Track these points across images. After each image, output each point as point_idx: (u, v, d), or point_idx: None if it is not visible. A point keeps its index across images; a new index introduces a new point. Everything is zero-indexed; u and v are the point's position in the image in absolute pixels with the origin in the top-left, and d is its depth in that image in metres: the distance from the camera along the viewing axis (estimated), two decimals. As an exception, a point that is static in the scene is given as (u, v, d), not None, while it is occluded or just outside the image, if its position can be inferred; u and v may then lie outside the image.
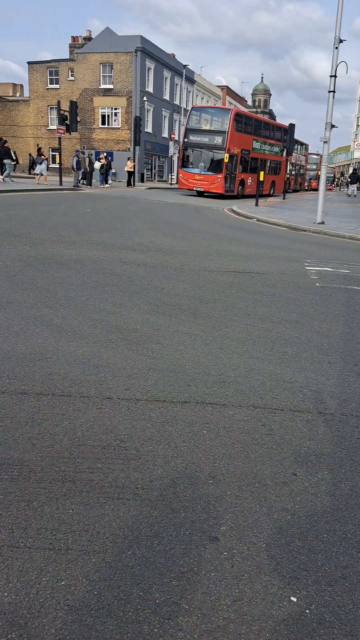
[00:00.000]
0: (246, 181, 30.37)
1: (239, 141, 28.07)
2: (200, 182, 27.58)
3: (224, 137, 26.88)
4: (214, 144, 27.21)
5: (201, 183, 27.56)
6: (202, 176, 27.40)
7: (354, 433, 3.02)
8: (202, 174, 27.43)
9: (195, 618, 1.69)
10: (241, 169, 29.27)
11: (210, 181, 27.15)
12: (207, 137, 27.47)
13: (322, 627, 1.68)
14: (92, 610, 1.69)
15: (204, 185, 27.54)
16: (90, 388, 3.32)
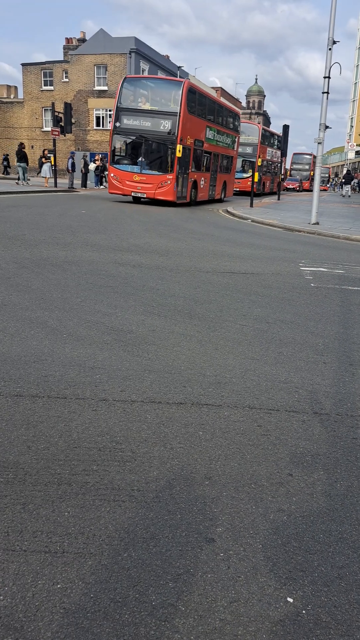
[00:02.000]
0: (199, 183, 22.86)
1: (191, 128, 20.55)
2: (141, 184, 19.65)
3: (174, 121, 19.15)
4: (161, 131, 19.41)
5: (143, 187, 19.67)
6: (144, 176, 19.62)
7: (349, 433, 3.02)
8: (143, 174, 19.65)
9: (192, 620, 1.68)
10: (194, 167, 21.69)
11: (156, 184, 19.45)
12: (150, 121, 19.53)
13: (318, 628, 1.68)
14: (89, 613, 1.69)
15: (146, 189, 19.67)
16: (85, 390, 3.31)
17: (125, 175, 19.90)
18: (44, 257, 7.63)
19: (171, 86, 20.83)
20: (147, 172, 19.81)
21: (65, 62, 42.98)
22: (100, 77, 41.52)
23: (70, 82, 42.20)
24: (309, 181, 55.76)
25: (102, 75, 41.37)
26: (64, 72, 43.10)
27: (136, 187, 19.75)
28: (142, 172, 19.74)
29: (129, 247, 9.33)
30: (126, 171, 19.94)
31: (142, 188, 19.71)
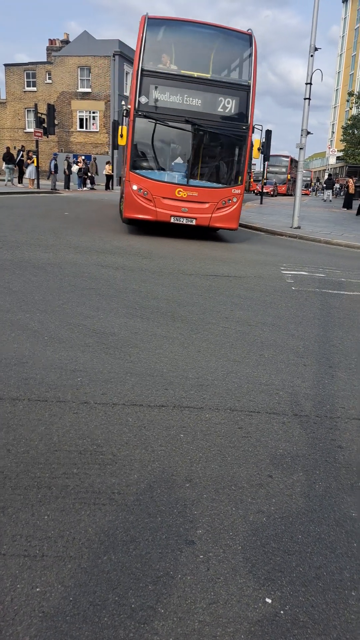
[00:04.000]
0: None
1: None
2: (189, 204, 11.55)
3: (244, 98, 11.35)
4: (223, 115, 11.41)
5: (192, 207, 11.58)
6: (195, 191, 11.55)
7: (328, 435, 3.06)
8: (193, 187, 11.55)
9: (171, 622, 1.69)
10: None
11: (215, 202, 11.63)
12: (202, 96, 11.25)
13: (296, 627, 1.70)
14: (68, 617, 1.68)
15: (197, 211, 11.65)
16: (66, 393, 3.30)
17: (163, 188, 11.39)
18: (26, 259, 7.58)
19: (232, 40, 11.91)
20: (199, 183, 11.69)
21: (49, 64, 42.77)
22: (83, 79, 41.40)
23: (53, 84, 42.00)
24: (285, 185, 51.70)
25: (86, 77, 41.26)
26: (47, 74, 42.89)
27: (180, 209, 11.46)
28: (191, 184, 11.47)
29: (112, 249, 9.31)
30: (164, 182, 11.43)
31: (190, 210, 11.46)
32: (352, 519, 2.30)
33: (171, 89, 11.16)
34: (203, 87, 11.27)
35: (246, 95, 11.32)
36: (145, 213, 11.58)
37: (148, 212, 11.56)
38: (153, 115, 11.06)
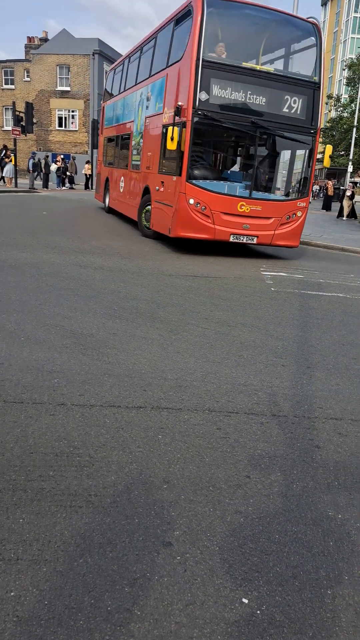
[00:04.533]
0: None
1: None
2: (251, 220, 9.82)
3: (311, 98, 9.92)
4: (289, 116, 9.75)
5: (254, 224, 9.87)
6: (258, 204, 9.87)
7: (305, 434, 3.08)
8: (255, 199, 9.87)
9: (147, 624, 1.68)
10: None
11: (279, 217, 10.06)
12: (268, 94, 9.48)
13: (272, 627, 1.71)
14: (42, 621, 1.66)
15: (260, 228, 9.98)
16: (43, 394, 3.26)
17: (223, 202, 9.62)
18: (2, 259, 7.48)
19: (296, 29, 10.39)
20: (262, 196, 10.10)
21: (27, 61, 42.37)
22: (62, 78, 41.11)
23: (32, 82, 41.61)
24: None
25: (65, 76, 40.98)
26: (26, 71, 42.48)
27: (241, 226, 9.74)
28: (254, 197, 9.83)
29: (91, 249, 9.25)
30: (225, 194, 9.71)
31: (252, 227, 9.82)
32: (329, 517, 2.32)
33: (234, 84, 9.22)
34: (268, 82, 9.49)
35: (313, 94, 9.80)
36: (202, 231, 9.62)
37: (205, 230, 9.61)
38: (214, 116, 9.12)
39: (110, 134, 16.63)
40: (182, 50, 9.46)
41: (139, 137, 12.51)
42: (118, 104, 15.48)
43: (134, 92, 13.21)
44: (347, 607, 1.82)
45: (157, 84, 11.06)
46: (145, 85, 12.07)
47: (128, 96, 14.03)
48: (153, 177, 11.06)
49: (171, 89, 10.03)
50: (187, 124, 9.04)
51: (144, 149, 12.05)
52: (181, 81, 9.46)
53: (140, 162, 12.28)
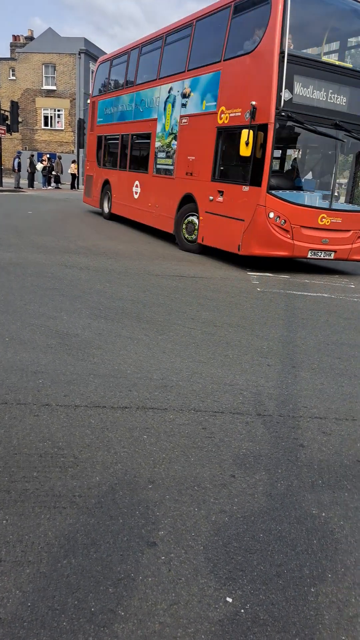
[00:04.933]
0: None
1: None
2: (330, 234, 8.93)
3: None
4: None
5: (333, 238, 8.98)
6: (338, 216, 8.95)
7: (290, 434, 3.10)
8: (336, 211, 8.95)
9: (131, 624, 1.68)
10: None
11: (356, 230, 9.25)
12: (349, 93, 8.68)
13: (256, 626, 1.71)
14: (25, 623, 1.65)
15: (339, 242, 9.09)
16: (27, 395, 3.24)
17: (304, 215, 8.70)
18: (-12, 259, 7.42)
19: None
20: (342, 207, 9.30)
21: (12, 60, 42.07)
22: (48, 77, 40.89)
23: (17, 81, 41.31)
24: None
25: (51, 75, 40.76)
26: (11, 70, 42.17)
27: (320, 240, 8.89)
28: (334, 208, 8.99)
29: (76, 249, 9.21)
30: (305, 206, 8.75)
31: (331, 241, 8.97)
32: (313, 516, 2.33)
33: (316, 82, 8.35)
34: (351, 80, 8.66)
35: None
36: (279, 248, 8.60)
37: (283, 246, 8.59)
38: (299, 117, 8.18)
39: (109, 132, 15.10)
40: (252, 41, 8.56)
41: (170, 137, 11.22)
42: (123, 100, 13.97)
43: (156, 87, 11.88)
44: (331, 605, 1.84)
45: (202, 80, 9.88)
46: (179, 80, 10.81)
47: (144, 91, 12.61)
48: (201, 185, 9.92)
49: (233, 86, 8.97)
50: (269, 127, 8.05)
51: (179, 151, 10.80)
52: (254, 77, 8.43)
53: (175, 166, 11.02)
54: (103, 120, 15.63)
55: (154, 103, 12.08)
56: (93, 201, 16.56)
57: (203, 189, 9.87)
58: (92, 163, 16.63)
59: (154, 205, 12.08)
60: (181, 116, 10.77)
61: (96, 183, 16.09)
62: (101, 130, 15.75)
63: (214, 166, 9.56)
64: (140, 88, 12.92)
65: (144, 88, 12.70)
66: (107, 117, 15.32)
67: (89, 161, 16.95)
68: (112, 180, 14.87)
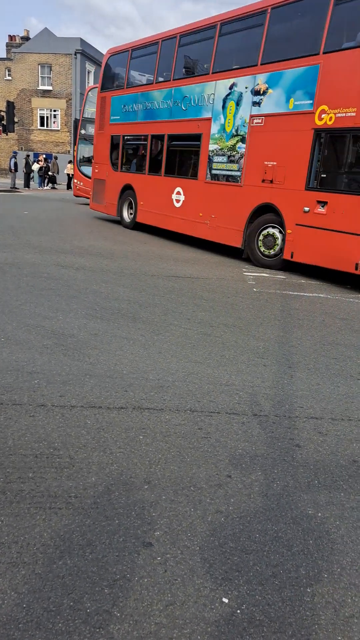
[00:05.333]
0: None
1: None
2: None
3: None
4: None
5: None
6: None
7: (286, 434, 3.10)
8: None
9: (127, 625, 1.67)
10: None
11: None
12: None
13: (252, 626, 1.71)
14: (20, 624, 1.64)
15: None
16: (23, 395, 3.23)
17: None
18: (-17, 259, 7.40)
19: None
20: None
21: (8, 60, 41.98)
22: (44, 77, 40.83)
23: (13, 81, 41.23)
24: None
25: (47, 75, 40.71)
26: (7, 70, 42.08)
27: None
28: None
29: (72, 249, 9.19)
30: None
31: None
32: (309, 516, 2.33)
33: None
34: None
35: None
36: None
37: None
38: None
39: (130, 131, 13.54)
40: None
41: (234, 140, 9.98)
42: (152, 96, 12.40)
43: (208, 83, 10.51)
44: (327, 605, 1.84)
45: (288, 75, 8.79)
46: (247, 75, 9.62)
47: (187, 87, 11.17)
48: (289, 194, 8.91)
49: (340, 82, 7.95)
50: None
51: (250, 156, 9.63)
52: None
53: (243, 172, 9.83)
54: (120, 119, 13.89)
55: (204, 100, 10.63)
56: (107, 208, 14.70)
57: (291, 199, 8.79)
58: (102, 166, 14.78)
59: (207, 216, 10.67)
60: (252, 116, 9.56)
61: (111, 188, 14.29)
62: (117, 129, 14.02)
63: (310, 173, 8.47)
64: (181, 83, 11.39)
65: (187, 83, 11.19)
66: (126, 114, 13.63)
67: (98, 163, 15.08)
68: (137, 186, 13.26)
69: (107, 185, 14.57)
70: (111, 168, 14.39)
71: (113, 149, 14.36)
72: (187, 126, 11.26)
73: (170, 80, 11.78)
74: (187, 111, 11.25)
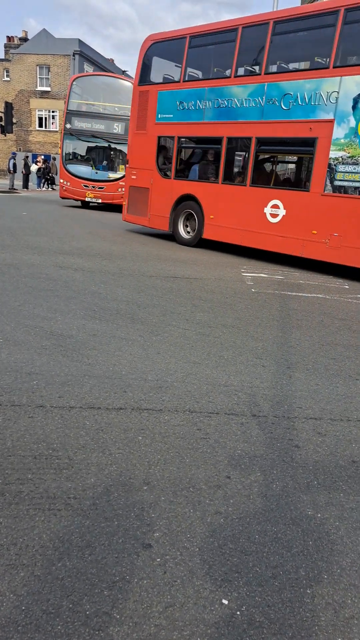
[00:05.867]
0: None
1: None
2: None
3: None
4: None
5: None
6: None
7: (285, 434, 3.10)
8: None
9: (127, 627, 1.66)
10: None
11: None
12: None
13: (252, 628, 1.70)
14: (19, 627, 1.63)
15: None
16: (22, 396, 3.22)
17: None
18: (-18, 260, 7.38)
19: None
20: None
21: (6, 61, 41.97)
22: (43, 78, 40.82)
23: (11, 82, 41.22)
24: None
25: (45, 76, 40.70)
26: (5, 71, 42.06)
27: None
28: None
29: (71, 250, 9.19)
30: None
31: None
32: (308, 517, 2.32)
33: None
34: None
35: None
36: None
37: None
38: None
39: (193, 133, 11.57)
40: None
41: None
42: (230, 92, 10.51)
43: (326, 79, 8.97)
44: (327, 607, 1.83)
45: None
46: None
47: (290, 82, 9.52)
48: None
49: None
50: None
51: None
52: None
53: None
54: (173, 117, 11.77)
55: (322, 99, 9.08)
56: (152, 221, 12.61)
57: None
58: (143, 172, 12.61)
59: (325, 234, 9.22)
60: None
61: (160, 199, 12.26)
62: (168, 129, 11.93)
63: None
64: (279, 78, 9.76)
65: (291, 78, 9.62)
66: (183, 113, 11.56)
67: (136, 169, 12.81)
68: (202, 197, 11.34)
69: (152, 195, 12.43)
70: (159, 174, 12.29)
71: (161, 153, 12.33)
72: (292, 129, 9.56)
73: (261, 74, 9.93)
74: (291, 111, 9.54)
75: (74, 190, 19.66)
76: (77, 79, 20.82)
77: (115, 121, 19.83)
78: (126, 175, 13.35)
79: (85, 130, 20.00)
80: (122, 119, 19.42)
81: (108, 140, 19.98)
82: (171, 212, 12.08)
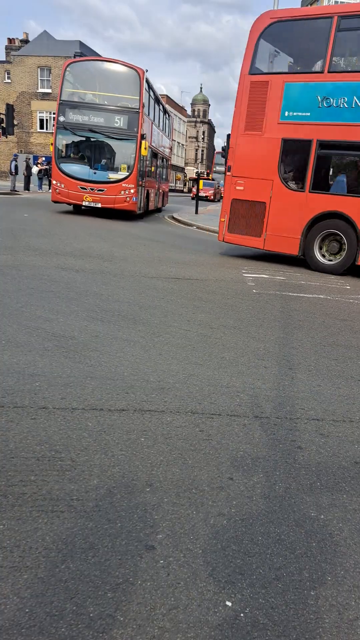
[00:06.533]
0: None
1: None
2: None
3: None
4: None
5: None
6: None
7: (288, 436, 3.09)
8: None
9: (130, 629, 1.66)
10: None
11: None
12: None
13: (256, 630, 1.70)
14: (23, 629, 1.63)
15: None
16: (24, 398, 3.22)
17: None
18: (-17, 261, 7.39)
19: None
20: None
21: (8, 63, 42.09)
22: (44, 80, 40.93)
23: (12, 83, 41.33)
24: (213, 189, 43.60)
25: (46, 78, 40.81)
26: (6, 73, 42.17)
27: None
28: None
29: (72, 251, 9.19)
30: None
31: None
32: (311, 518, 2.32)
33: None
34: None
35: None
36: None
37: None
38: None
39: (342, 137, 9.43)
40: None
41: None
42: None
43: None
44: (330, 608, 1.83)
45: None
46: None
47: None
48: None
49: None
50: None
51: None
52: None
53: None
54: (311, 117, 9.70)
55: None
56: (271, 243, 10.46)
57: None
58: (256, 182, 10.42)
59: None
60: None
61: (285, 216, 10.15)
62: (301, 131, 9.84)
63: None
64: None
65: None
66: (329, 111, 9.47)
67: (245, 178, 10.58)
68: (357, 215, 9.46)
69: (271, 211, 10.31)
70: (283, 186, 10.19)
71: (287, 159, 10.30)
72: None
73: None
74: None
75: (68, 193, 16.94)
76: (70, 64, 17.83)
77: (117, 114, 16.97)
78: (226, 186, 11.11)
79: (82, 123, 17.08)
80: (126, 112, 16.89)
81: (108, 135, 17.19)
82: (303, 231, 10.00)
